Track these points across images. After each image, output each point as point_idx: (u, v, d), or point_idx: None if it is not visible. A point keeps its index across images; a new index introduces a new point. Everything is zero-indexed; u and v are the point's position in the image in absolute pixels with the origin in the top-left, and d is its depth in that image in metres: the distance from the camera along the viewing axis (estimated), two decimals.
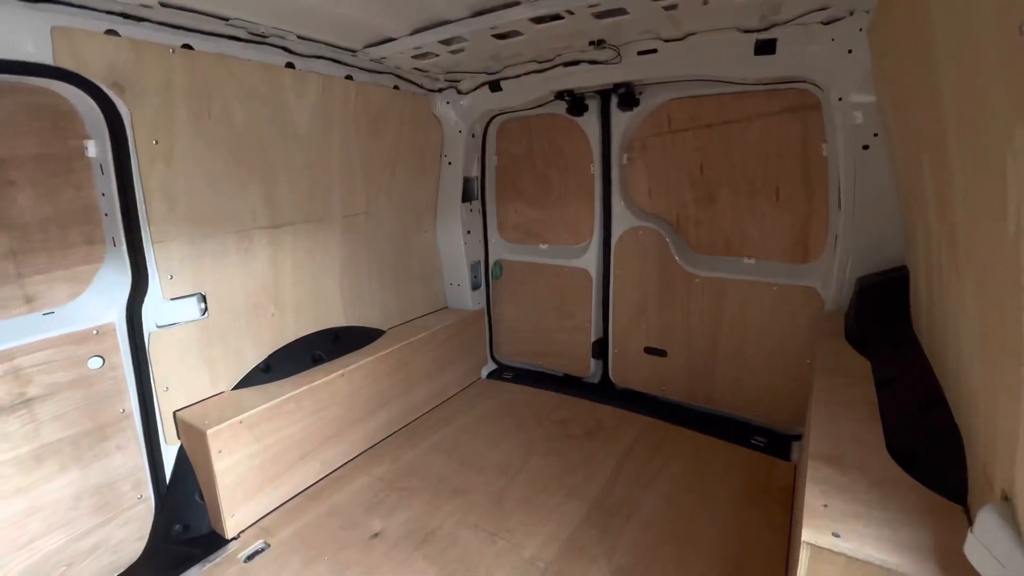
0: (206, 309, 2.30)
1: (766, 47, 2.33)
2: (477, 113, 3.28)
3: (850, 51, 2.18)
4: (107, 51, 1.78)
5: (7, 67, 1.61)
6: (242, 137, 2.30)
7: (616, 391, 3.48)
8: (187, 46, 2.01)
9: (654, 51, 2.57)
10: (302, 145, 2.56)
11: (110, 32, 1.78)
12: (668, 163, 3.03)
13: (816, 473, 1.14)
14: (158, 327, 2.14)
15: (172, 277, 2.17)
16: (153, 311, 2.12)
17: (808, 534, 0.97)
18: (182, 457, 2.24)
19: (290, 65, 2.38)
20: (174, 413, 2.22)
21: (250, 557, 2.12)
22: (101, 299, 2.02)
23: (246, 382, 2.48)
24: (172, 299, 2.18)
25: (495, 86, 3.08)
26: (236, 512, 2.23)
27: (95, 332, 1.98)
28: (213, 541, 2.21)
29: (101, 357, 1.99)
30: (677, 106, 2.91)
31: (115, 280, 2.05)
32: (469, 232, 3.62)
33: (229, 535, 2.21)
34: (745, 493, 2.41)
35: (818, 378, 1.66)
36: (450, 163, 3.45)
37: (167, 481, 2.21)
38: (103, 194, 1.98)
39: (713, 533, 2.18)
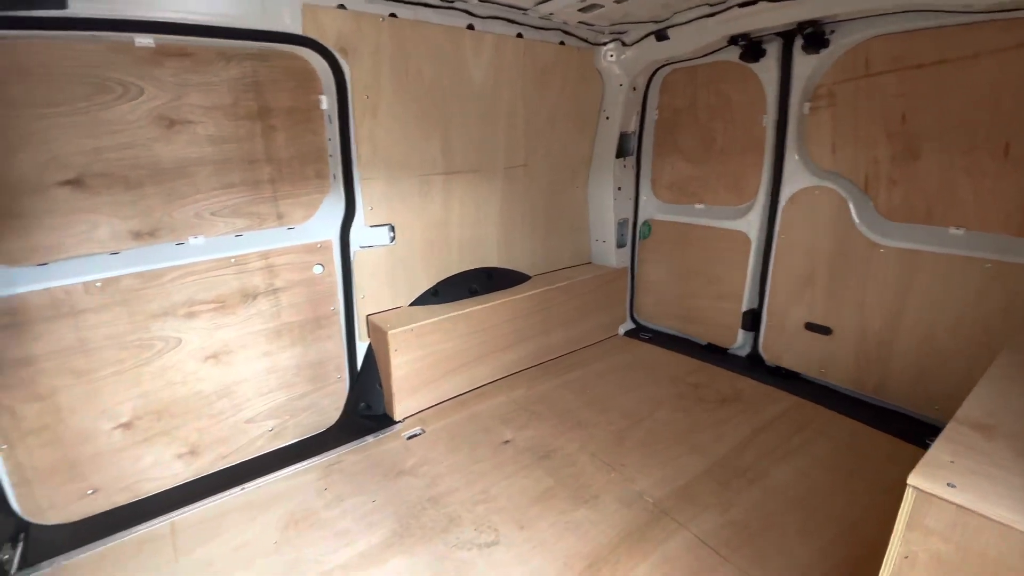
0: (394, 237, 2.82)
1: None
2: (641, 65, 3.24)
3: None
4: (337, 21, 2.27)
5: (275, 37, 2.17)
6: (428, 93, 2.69)
7: (765, 367, 3.26)
8: (393, 15, 2.42)
9: None
10: (475, 101, 2.88)
11: (340, 6, 2.26)
12: (860, 112, 2.63)
13: (953, 434, 1.03)
14: (360, 247, 2.71)
15: (372, 209, 2.70)
16: (358, 234, 2.68)
17: (915, 479, 0.91)
18: (369, 352, 2.83)
19: (470, 27, 2.68)
20: (367, 316, 2.81)
21: (410, 437, 2.63)
22: (324, 221, 2.62)
23: (419, 301, 2.99)
24: (371, 226, 2.72)
25: (661, 35, 2.99)
26: (403, 401, 2.77)
27: (319, 246, 2.59)
28: (385, 420, 2.78)
29: (322, 265, 2.62)
30: (878, 44, 2.48)
31: (334, 207, 2.63)
32: (620, 189, 3.65)
33: (397, 418, 2.76)
34: (902, 487, 2.14)
35: (1003, 355, 1.41)
36: (608, 118, 3.49)
37: (358, 369, 2.83)
38: (330, 139, 2.53)
39: (850, 516, 2.01)
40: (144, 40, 1.94)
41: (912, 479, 0.92)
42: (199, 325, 2.30)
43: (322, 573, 1.80)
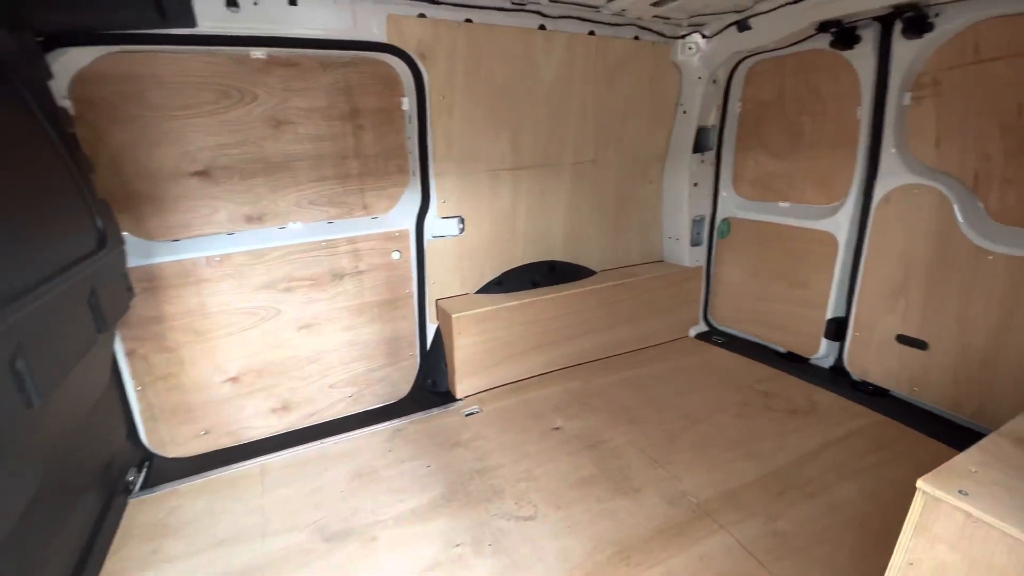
0: (463, 229, 3.01)
1: None
2: (722, 57, 3.11)
3: None
4: (417, 29, 2.48)
5: (364, 46, 2.44)
6: (499, 92, 2.83)
7: (849, 381, 3.01)
8: (468, 20, 2.59)
9: None
10: (545, 98, 2.97)
11: (421, 15, 2.47)
12: (970, 103, 2.34)
13: (989, 444, 0.95)
14: (433, 237, 2.93)
15: (444, 202, 2.91)
16: (431, 225, 2.90)
17: (925, 482, 0.86)
18: (437, 333, 3.06)
19: (542, 27, 2.77)
20: (436, 301, 3.03)
21: (468, 415, 2.81)
22: (403, 212, 2.87)
23: (484, 290, 3.17)
24: (443, 218, 2.93)
25: (743, 25, 2.87)
26: (464, 381, 2.96)
27: (397, 234, 2.85)
28: (447, 397, 2.99)
29: (399, 252, 2.87)
30: (989, 27, 2.18)
31: (412, 200, 2.87)
32: (696, 185, 3.54)
33: (458, 396, 2.96)
34: None
35: None
36: (685, 112, 3.40)
37: (427, 348, 3.07)
38: (409, 137, 2.77)
39: None
40: (258, 53, 2.29)
41: (922, 483, 0.87)
42: (295, 299, 2.65)
43: (377, 521, 2.03)
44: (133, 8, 1.88)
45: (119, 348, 2.28)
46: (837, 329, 3.06)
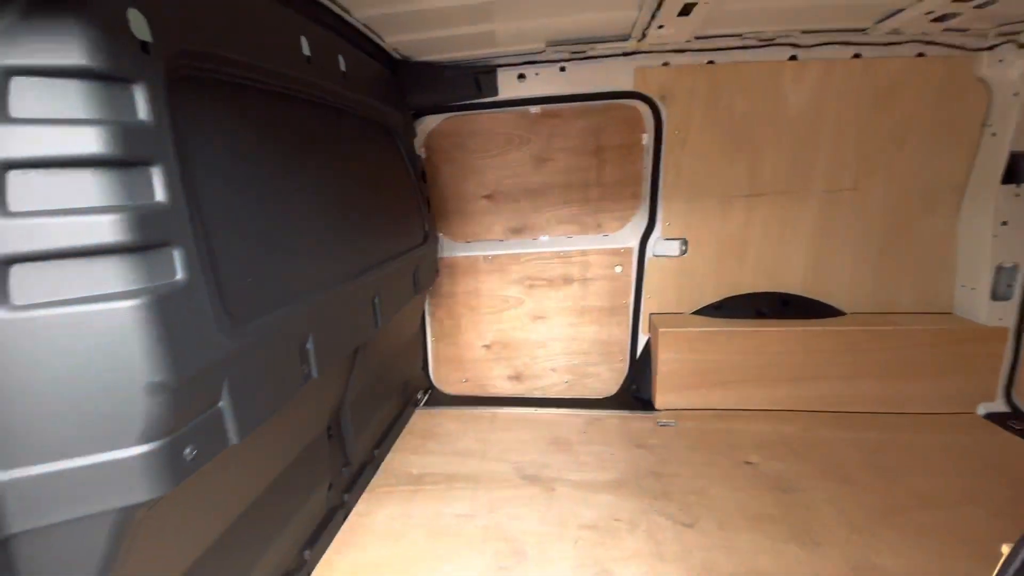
0: (685, 251, 3.22)
1: None
2: None
3: None
4: (660, 76, 2.85)
5: (614, 95, 2.94)
6: (737, 123, 2.92)
7: None
8: (710, 62, 2.81)
9: None
10: (791, 125, 2.89)
11: (664, 64, 2.83)
12: None
13: None
14: (654, 256, 3.25)
15: (669, 224, 3.19)
16: (653, 244, 3.23)
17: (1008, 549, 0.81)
18: (647, 345, 3.36)
19: (792, 57, 2.75)
20: (649, 314, 3.34)
21: (662, 425, 3.02)
22: (630, 232, 3.28)
23: (701, 312, 3.29)
24: (666, 239, 3.22)
25: None
26: (664, 394, 3.17)
27: (622, 251, 3.28)
28: (647, 405, 3.25)
29: (621, 266, 3.30)
30: None
31: (639, 222, 3.25)
32: (1005, 223, 2.78)
33: (657, 407, 3.19)
34: None
35: None
36: (994, 134, 2.72)
37: (636, 356, 3.40)
38: (645, 167, 3.17)
39: None
40: (535, 109, 3.06)
41: (1007, 548, 0.83)
42: (535, 294, 3.39)
43: (559, 478, 2.53)
44: (465, 90, 2.88)
45: (427, 309, 3.42)
46: None
